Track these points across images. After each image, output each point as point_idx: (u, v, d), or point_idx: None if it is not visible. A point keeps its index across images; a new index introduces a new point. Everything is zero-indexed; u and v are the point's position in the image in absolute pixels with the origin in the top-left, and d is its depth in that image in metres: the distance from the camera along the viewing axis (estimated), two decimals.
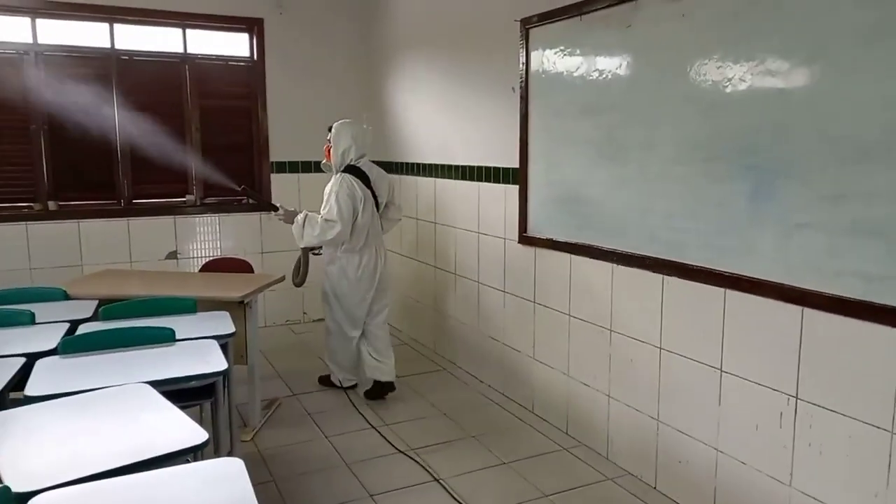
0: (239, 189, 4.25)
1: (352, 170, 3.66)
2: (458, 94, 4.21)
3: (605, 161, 2.98)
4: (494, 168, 3.88)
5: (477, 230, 4.10)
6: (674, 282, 2.68)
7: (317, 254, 3.90)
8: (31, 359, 2.30)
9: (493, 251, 3.94)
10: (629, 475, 2.96)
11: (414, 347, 4.85)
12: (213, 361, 2.28)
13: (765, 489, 2.36)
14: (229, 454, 2.87)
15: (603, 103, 2.98)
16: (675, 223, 2.65)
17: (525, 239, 3.61)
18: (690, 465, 2.67)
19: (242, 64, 5.22)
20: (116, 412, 1.84)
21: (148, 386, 2.01)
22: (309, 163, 5.40)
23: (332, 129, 3.70)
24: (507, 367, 3.87)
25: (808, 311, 2.18)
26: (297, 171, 5.37)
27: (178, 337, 2.53)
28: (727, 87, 2.39)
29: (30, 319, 2.77)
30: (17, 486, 1.36)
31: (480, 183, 4.04)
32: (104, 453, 1.57)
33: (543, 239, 3.45)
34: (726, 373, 2.48)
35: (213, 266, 3.98)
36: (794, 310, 2.22)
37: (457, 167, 4.29)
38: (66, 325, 2.72)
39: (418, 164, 4.80)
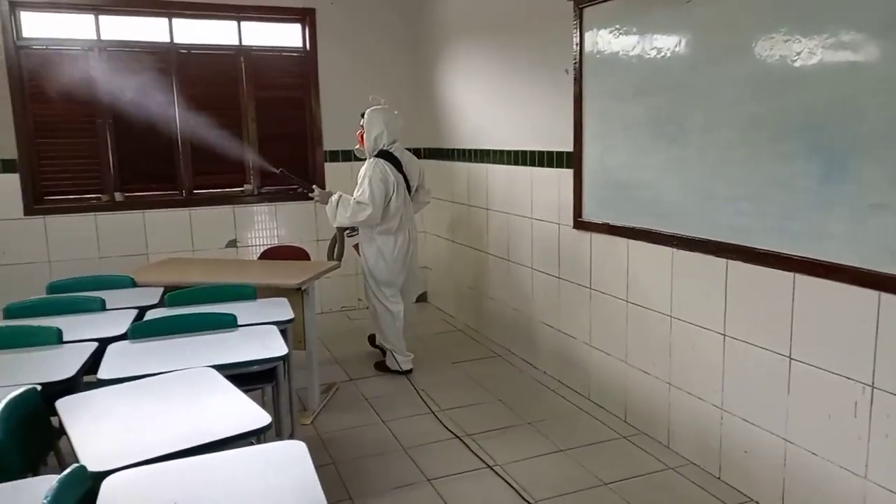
0: (277, 171, 4.36)
1: (384, 155, 3.77)
2: (510, 78, 4.16)
3: (663, 143, 2.89)
4: (548, 152, 3.82)
5: (530, 216, 4.06)
6: (738, 266, 2.58)
7: (351, 235, 4.03)
8: (103, 343, 2.40)
9: (547, 237, 3.89)
10: (691, 465, 2.89)
11: (468, 334, 4.86)
12: (274, 346, 2.33)
13: (838, 481, 2.27)
14: (291, 437, 2.93)
15: (660, 84, 2.88)
16: (739, 207, 2.55)
17: (580, 224, 3.54)
18: (757, 455, 2.58)
19: (295, 55, 5.28)
20: (183, 395, 1.90)
21: (213, 370, 2.06)
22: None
23: (365, 116, 3.81)
24: (562, 354, 3.83)
25: (885, 296, 2.06)
26: (350, 160, 5.40)
27: (239, 323, 2.60)
28: (795, 62, 2.27)
29: (100, 306, 2.89)
30: (92, 466, 1.42)
31: (533, 168, 3.98)
32: (171, 435, 1.62)
33: (599, 223, 3.38)
34: (796, 360, 2.39)
35: (271, 254, 4.06)
36: (869, 295, 2.11)
37: (509, 152, 4.24)
38: (135, 312, 2.83)
39: (470, 150, 4.77)
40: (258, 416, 1.72)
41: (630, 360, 3.26)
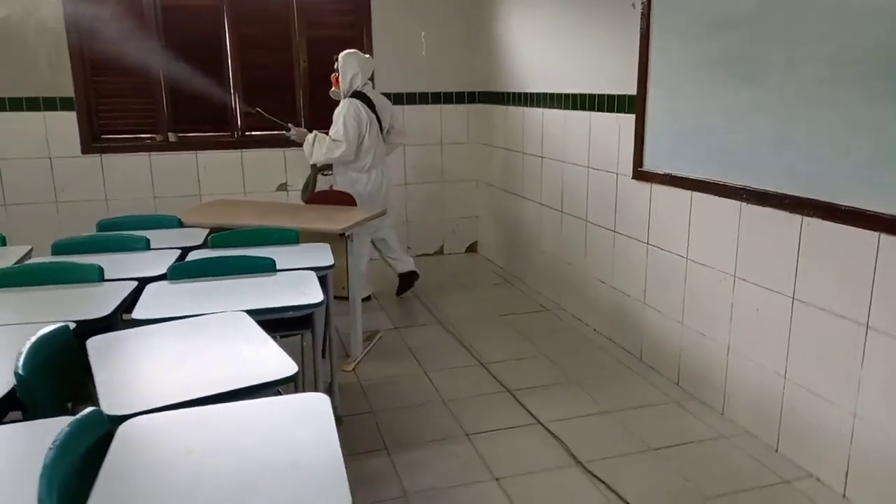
0: (253, 111, 4.52)
1: (359, 96, 3.94)
2: (569, 15, 3.87)
3: (736, 83, 2.62)
4: (608, 96, 3.56)
5: (587, 164, 3.83)
6: (815, 224, 2.34)
7: (326, 174, 4.20)
8: (143, 283, 2.37)
9: (603, 187, 3.67)
10: (747, 434, 2.71)
11: (516, 286, 4.72)
12: (310, 293, 2.26)
13: None
14: (329, 385, 2.91)
15: (735, 17, 2.59)
16: (820, 154, 2.28)
17: (640, 174, 3.31)
18: (821, 429, 2.38)
19: None
20: (214, 340, 1.85)
21: (246, 315, 2.00)
22: (414, 94, 5.27)
23: (340, 59, 3.97)
24: (614, 311, 3.66)
25: None
26: (402, 103, 5.25)
27: (278, 267, 2.54)
28: None
29: (145, 245, 2.89)
30: (109, 410, 1.37)
31: (592, 113, 3.74)
32: (194, 382, 1.57)
33: (661, 174, 3.15)
34: (874, 330, 2.16)
35: (318, 199, 4.00)
36: None
37: (566, 96, 3.99)
38: (178, 252, 2.81)
39: (525, 94, 4.54)
40: (284, 365, 1.65)
41: (687, 321, 3.07)
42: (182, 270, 2.46)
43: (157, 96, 4.82)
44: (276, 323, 2.23)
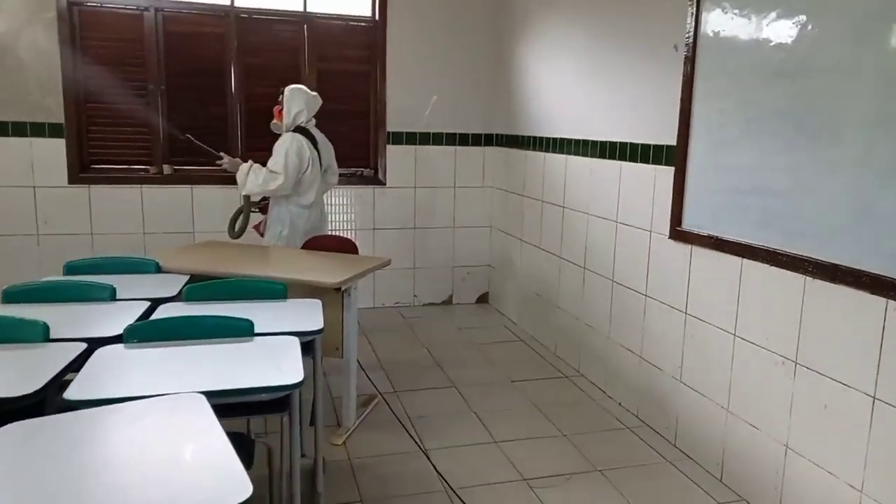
0: (182, 137, 4.10)
1: (301, 131, 3.74)
2: (600, 55, 3.55)
3: (805, 139, 2.24)
4: (642, 145, 3.20)
5: (615, 219, 3.45)
6: None
7: (255, 210, 3.90)
8: (94, 345, 1.99)
9: (634, 245, 3.28)
10: None
11: (531, 346, 4.30)
12: (289, 369, 1.86)
13: None
14: (313, 464, 2.49)
15: (806, 62, 2.23)
16: None
17: (678, 234, 2.92)
18: None
19: (363, 24, 4.82)
20: (154, 436, 1.45)
21: (203, 400, 1.60)
22: (427, 135, 4.95)
23: (286, 93, 3.77)
24: (644, 386, 3.23)
25: None
26: (415, 143, 4.93)
27: (258, 331, 2.15)
28: None
29: (110, 295, 2.51)
30: None
31: (623, 162, 3.37)
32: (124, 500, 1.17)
33: (704, 236, 2.76)
34: None
35: (315, 243, 3.62)
36: None
37: (594, 143, 3.64)
38: (146, 305, 2.43)
39: (547, 139, 4.19)
40: (237, 486, 1.25)
41: (734, 409, 2.64)
42: (141, 332, 2.07)
43: (154, 125, 4.52)
44: (246, 405, 1.84)
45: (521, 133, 4.60)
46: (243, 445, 1.90)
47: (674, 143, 2.92)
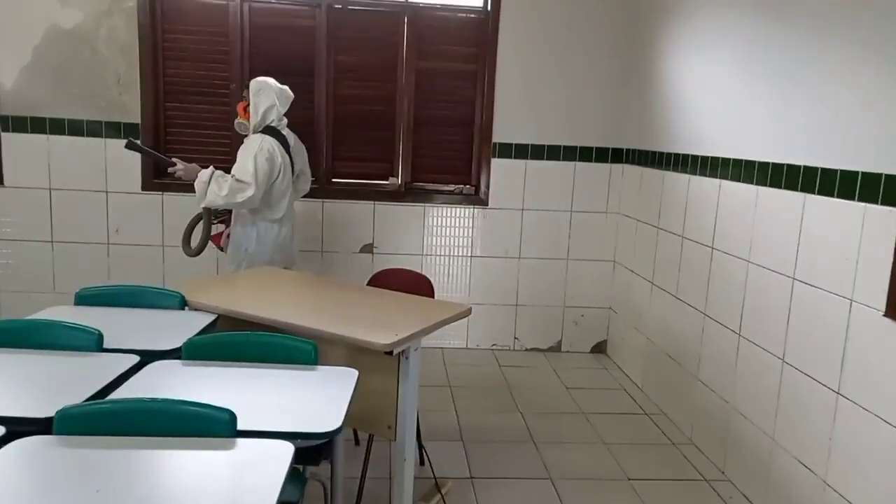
0: (124, 145, 3.28)
1: (271, 132, 3.18)
2: (779, 49, 2.56)
3: None
4: (842, 172, 2.20)
5: (791, 274, 2.46)
6: None
7: (217, 223, 3.31)
8: (41, 427, 1.42)
9: (822, 317, 2.28)
10: None
11: (659, 425, 3.34)
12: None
13: None
14: None
15: None
16: None
17: None
18: None
19: (472, 17, 4.10)
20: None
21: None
22: (541, 147, 4.14)
23: (252, 86, 3.22)
24: None
25: None
26: (526, 157, 4.14)
27: (243, 426, 1.47)
28: None
29: (94, 345, 1.94)
30: None
31: (807, 195, 2.38)
32: None
33: None
34: None
35: (384, 278, 2.92)
36: None
37: (761, 165, 2.66)
38: (130, 363, 1.83)
39: (695, 157, 3.23)
40: None
41: None
42: (83, 419, 1.44)
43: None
44: None
45: (658, 149, 3.66)
46: None
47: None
